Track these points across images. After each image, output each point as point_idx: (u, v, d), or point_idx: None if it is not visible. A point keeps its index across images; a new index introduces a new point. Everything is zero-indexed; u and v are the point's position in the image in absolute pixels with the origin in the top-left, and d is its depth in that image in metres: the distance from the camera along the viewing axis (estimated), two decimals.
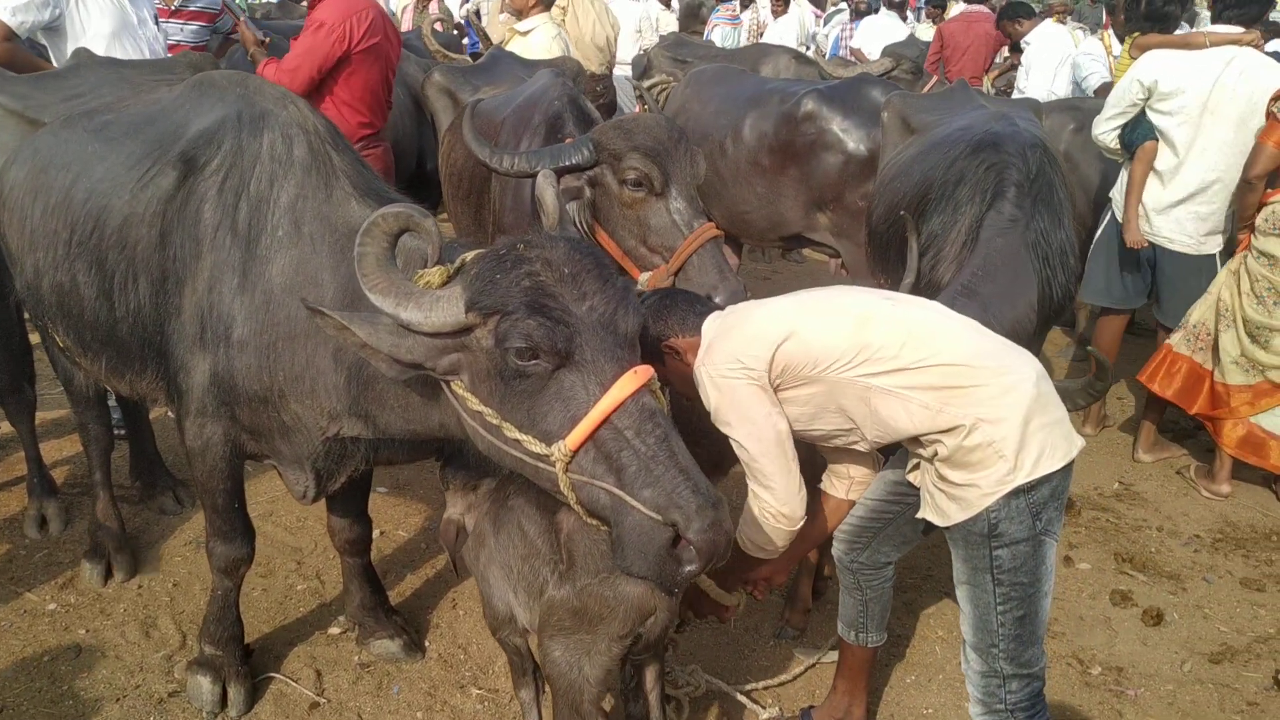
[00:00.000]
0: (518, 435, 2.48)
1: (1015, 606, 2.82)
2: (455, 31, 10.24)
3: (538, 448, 2.46)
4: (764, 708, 3.75)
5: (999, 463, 2.69)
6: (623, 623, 2.77)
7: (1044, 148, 4.41)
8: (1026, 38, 9.23)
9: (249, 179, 3.11)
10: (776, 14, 13.45)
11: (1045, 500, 2.75)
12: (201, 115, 3.34)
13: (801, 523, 2.85)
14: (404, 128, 6.87)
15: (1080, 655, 4.14)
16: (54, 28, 5.36)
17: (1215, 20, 5.67)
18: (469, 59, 7.52)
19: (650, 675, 3.19)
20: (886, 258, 4.78)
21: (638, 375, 2.44)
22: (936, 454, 2.78)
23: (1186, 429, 6.25)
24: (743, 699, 3.76)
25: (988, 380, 2.72)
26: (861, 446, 2.97)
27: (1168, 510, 5.41)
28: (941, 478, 2.81)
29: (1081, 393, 3.58)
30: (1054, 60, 8.87)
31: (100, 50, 5.36)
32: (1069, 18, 10.64)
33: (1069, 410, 2.98)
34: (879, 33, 12.44)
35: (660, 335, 2.94)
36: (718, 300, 3.62)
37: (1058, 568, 4.66)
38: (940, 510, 2.86)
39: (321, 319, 2.55)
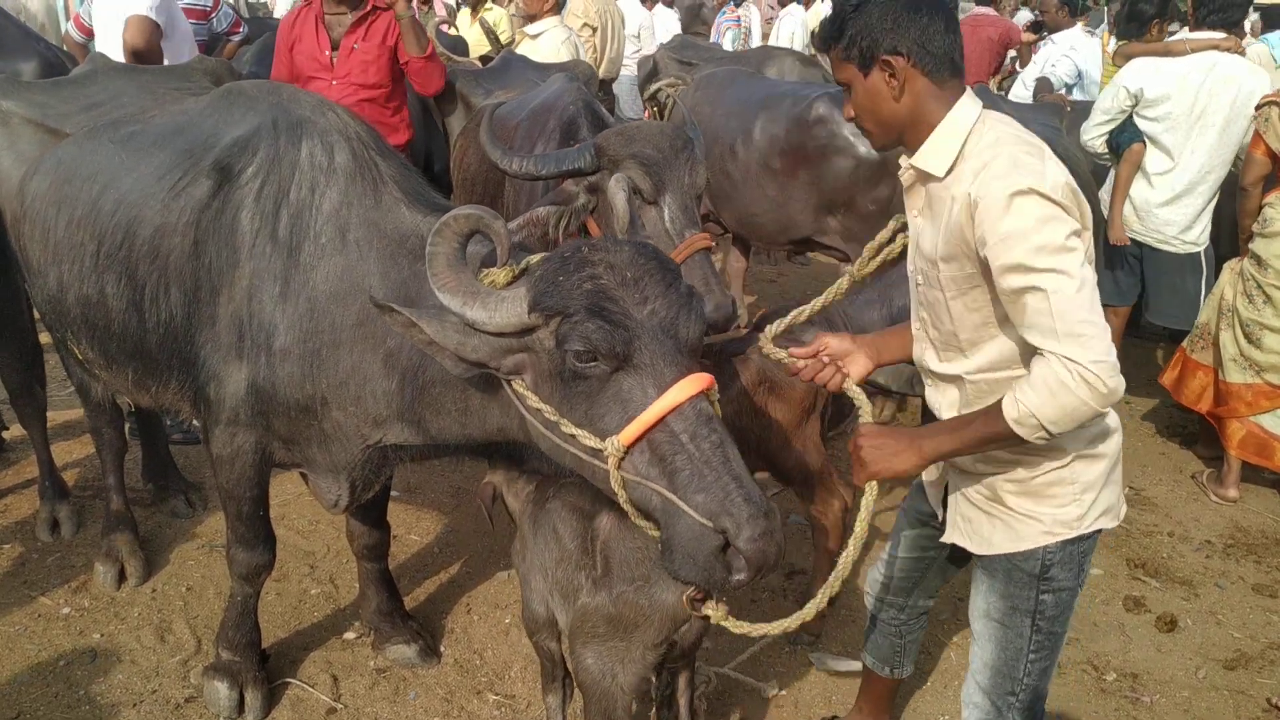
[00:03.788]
0: (574, 430, 2.49)
1: (1045, 656, 2.71)
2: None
3: (592, 442, 2.46)
4: (766, 684, 3.78)
5: (1073, 505, 2.55)
6: (657, 630, 2.77)
7: None
8: (1054, 36, 9.22)
9: (288, 186, 3.10)
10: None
11: (1088, 553, 2.65)
12: (234, 124, 3.33)
13: (1117, 397, 2.34)
14: (412, 129, 6.86)
15: (1095, 661, 4.14)
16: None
17: (1197, 26, 5.81)
18: (478, 62, 7.51)
19: (681, 681, 3.19)
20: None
21: (696, 380, 2.44)
22: (1012, 473, 2.57)
23: (1195, 433, 6.26)
24: (747, 679, 3.77)
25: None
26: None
27: (1178, 516, 5.42)
28: (996, 500, 2.62)
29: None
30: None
31: (186, 50, 5.65)
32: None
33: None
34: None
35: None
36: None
37: None
38: (980, 537, 2.68)
39: (391, 316, 2.57)
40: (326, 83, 5.43)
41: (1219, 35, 5.69)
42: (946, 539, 2.82)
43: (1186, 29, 6.04)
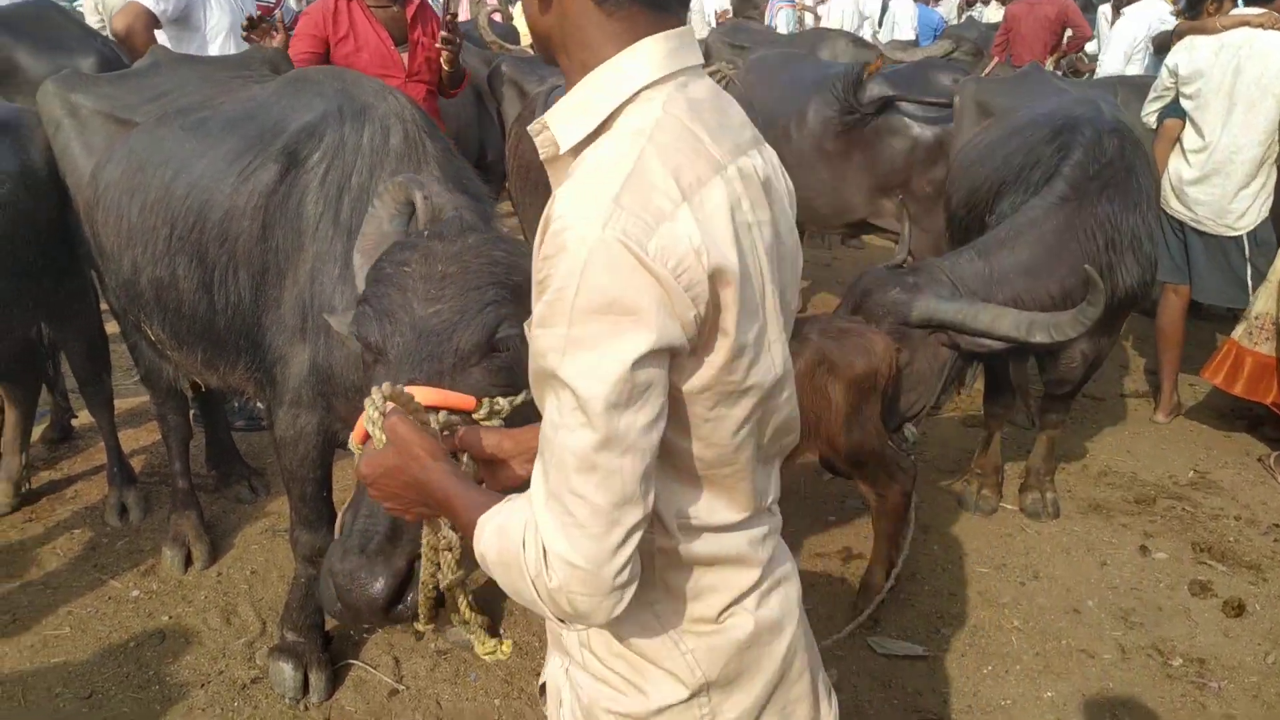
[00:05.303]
0: None
1: None
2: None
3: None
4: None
5: None
6: None
7: (1124, 132, 4.38)
8: (1125, 9, 9.07)
9: (350, 171, 3.16)
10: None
11: None
12: (301, 110, 3.39)
13: (597, 622, 1.40)
14: (465, 118, 6.91)
15: (1160, 646, 4.07)
16: (180, 20, 5.45)
17: (1248, 3, 5.64)
18: (529, 50, 7.53)
19: None
20: (968, 241, 4.74)
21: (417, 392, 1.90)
22: None
23: (1260, 415, 6.13)
24: None
25: None
26: None
27: (1245, 499, 5.30)
28: None
29: (1072, 322, 3.60)
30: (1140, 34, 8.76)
31: (217, 45, 5.57)
32: None
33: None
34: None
35: None
36: None
37: (1135, 556, 4.61)
38: None
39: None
40: (400, 81, 5.23)
41: (1255, 11, 5.55)
42: None
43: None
